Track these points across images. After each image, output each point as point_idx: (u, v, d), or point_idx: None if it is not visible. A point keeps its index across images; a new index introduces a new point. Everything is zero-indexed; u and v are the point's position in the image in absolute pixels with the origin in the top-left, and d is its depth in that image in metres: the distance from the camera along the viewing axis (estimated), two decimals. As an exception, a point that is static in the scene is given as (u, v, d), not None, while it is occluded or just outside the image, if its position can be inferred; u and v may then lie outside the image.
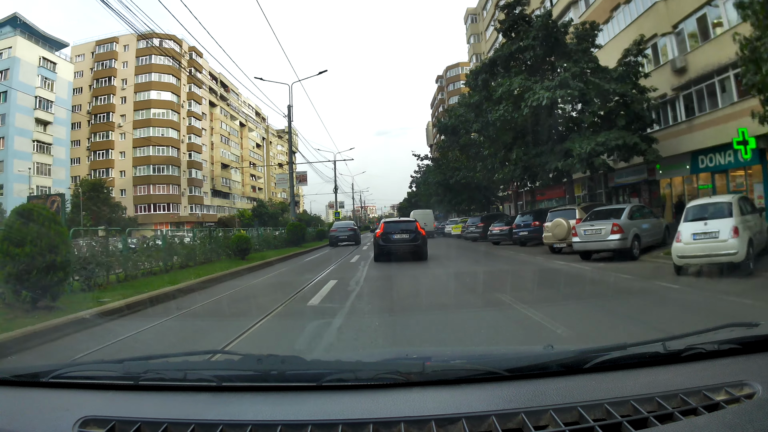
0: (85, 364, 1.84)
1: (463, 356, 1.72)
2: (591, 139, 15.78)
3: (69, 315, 5.95)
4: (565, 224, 14.29)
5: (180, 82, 62.34)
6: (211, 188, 69.90)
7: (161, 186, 58.85)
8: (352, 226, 30.40)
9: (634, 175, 22.21)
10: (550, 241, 15.09)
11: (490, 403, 1.17)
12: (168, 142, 59.59)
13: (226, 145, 74.67)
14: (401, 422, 1.08)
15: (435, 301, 7.07)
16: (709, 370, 1.29)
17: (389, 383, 1.27)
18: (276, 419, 1.13)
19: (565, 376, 1.30)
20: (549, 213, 16.13)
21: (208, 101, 69.49)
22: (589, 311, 5.93)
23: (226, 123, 75.98)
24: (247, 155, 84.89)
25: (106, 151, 59.01)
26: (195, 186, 63.56)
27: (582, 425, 1.06)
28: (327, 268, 12.93)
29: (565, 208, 16.42)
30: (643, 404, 1.11)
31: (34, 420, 1.22)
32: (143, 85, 59.52)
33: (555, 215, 15.45)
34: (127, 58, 59.51)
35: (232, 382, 1.33)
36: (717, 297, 6.76)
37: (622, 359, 1.33)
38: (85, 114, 57.81)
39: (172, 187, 59.73)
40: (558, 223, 14.60)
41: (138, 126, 58.87)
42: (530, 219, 19.60)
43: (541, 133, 19.04)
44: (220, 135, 73.12)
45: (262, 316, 5.95)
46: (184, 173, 61.88)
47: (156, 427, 1.11)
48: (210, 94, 71.64)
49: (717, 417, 1.05)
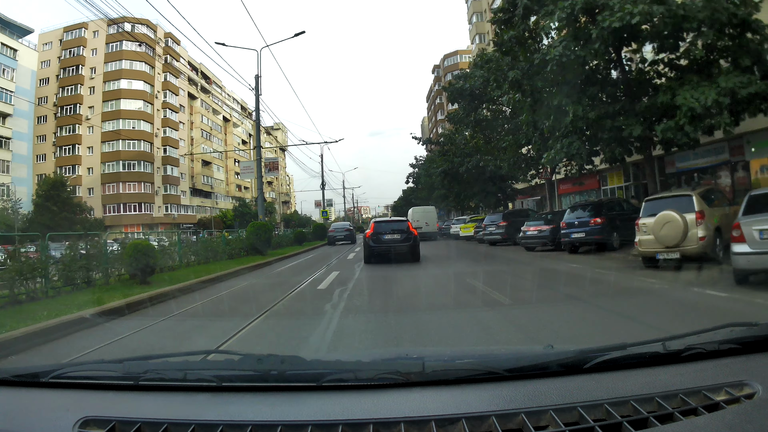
0: (85, 364, 1.80)
1: (463, 356, 1.72)
2: (709, 88, 10.13)
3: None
4: (679, 221, 8.75)
5: (154, 70, 57.10)
6: (190, 186, 64.17)
7: (132, 184, 53.43)
8: (348, 226, 34.42)
9: (707, 157, 16.70)
10: (651, 249, 9.55)
11: (490, 403, 1.18)
12: (140, 135, 54.25)
13: (207, 140, 68.98)
14: (401, 422, 1.10)
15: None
16: (709, 370, 1.29)
17: (389, 383, 1.29)
18: (276, 419, 1.15)
19: (565, 376, 1.30)
20: (644, 204, 10.52)
21: (186, 93, 63.76)
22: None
23: (208, 117, 70.45)
24: (232, 152, 79.00)
25: (72, 147, 53.76)
26: (171, 184, 58.04)
27: (582, 425, 1.06)
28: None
29: (672, 194, 10.44)
30: (643, 404, 1.12)
31: (34, 420, 1.24)
32: (113, 74, 54.26)
33: (654, 206, 9.90)
34: (96, 45, 54.46)
35: (232, 382, 1.34)
36: None
37: (622, 359, 1.34)
38: (52, 106, 51.77)
39: (144, 185, 54.32)
40: (668, 218, 9.05)
41: (107, 118, 53.65)
42: (588, 215, 14.33)
43: (615, 85, 13.60)
44: (201, 130, 67.50)
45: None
46: (158, 170, 56.40)
47: (156, 428, 1.13)
48: (190, 85, 65.97)
49: (717, 417, 1.05)
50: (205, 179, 68.62)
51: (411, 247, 14.00)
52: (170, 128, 59.29)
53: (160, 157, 57.47)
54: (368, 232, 14.44)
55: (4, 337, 5.37)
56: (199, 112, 68.49)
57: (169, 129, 59.06)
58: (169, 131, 59.03)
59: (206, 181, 68.76)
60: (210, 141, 70.56)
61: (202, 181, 67.39)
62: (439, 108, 76.57)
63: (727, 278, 7.29)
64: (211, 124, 71.64)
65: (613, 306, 6.36)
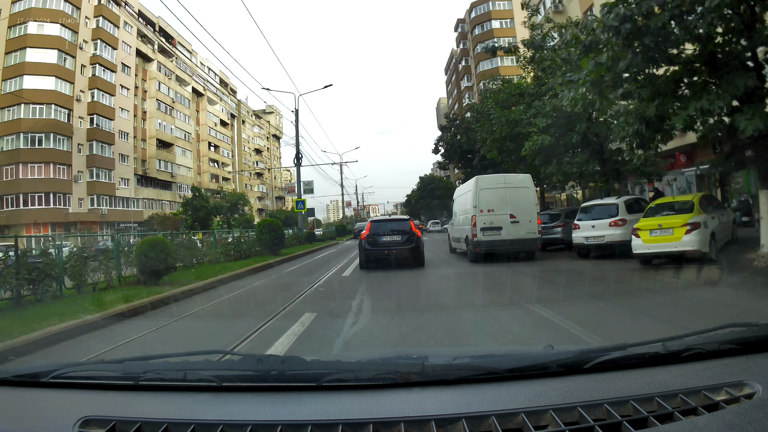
0: (85, 364, 1.89)
1: (463, 356, 1.71)
2: None
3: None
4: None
5: (80, 13, 39.96)
6: (142, 173, 47.67)
7: (38, 166, 37.31)
8: None
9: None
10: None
11: (490, 403, 1.17)
12: (51, 98, 37.82)
13: (167, 115, 52.47)
14: (401, 422, 1.09)
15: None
16: (709, 370, 1.28)
17: (389, 383, 1.28)
18: (276, 419, 1.14)
19: (565, 376, 1.30)
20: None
21: (135, 51, 47.08)
22: None
23: (169, 86, 53.78)
24: (205, 133, 62.44)
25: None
26: (101, 168, 41.76)
27: (582, 425, 1.06)
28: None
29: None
30: (643, 404, 1.11)
31: (35, 420, 1.24)
32: (20, 15, 37.35)
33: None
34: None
35: (232, 382, 1.34)
36: None
37: (622, 359, 1.33)
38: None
39: (57, 168, 37.84)
40: None
41: (7, 76, 36.74)
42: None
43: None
44: (158, 101, 50.90)
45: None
46: (80, 148, 39.60)
47: (156, 427, 1.12)
48: (143, 43, 49.23)
49: (717, 417, 1.05)
50: (163, 165, 52.08)
51: (413, 249, 12.20)
52: (102, 92, 42.78)
53: (84, 131, 41.07)
54: (364, 234, 12.70)
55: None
56: (155, 78, 52.06)
57: (100, 92, 42.54)
58: (100, 96, 42.52)
59: (164, 168, 52.23)
60: (171, 116, 54.08)
61: (157, 166, 50.86)
62: (465, 73, 59.35)
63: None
64: (174, 96, 55.18)
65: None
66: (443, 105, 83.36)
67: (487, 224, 12.44)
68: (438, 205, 67.61)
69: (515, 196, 12.71)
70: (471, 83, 58.99)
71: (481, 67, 53.87)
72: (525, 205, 12.66)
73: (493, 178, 13.76)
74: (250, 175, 77.93)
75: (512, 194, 12.72)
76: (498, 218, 12.51)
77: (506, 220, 12.51)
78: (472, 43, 57.18)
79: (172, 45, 57.31)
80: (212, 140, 65.20)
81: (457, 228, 15.18)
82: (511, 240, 12.41)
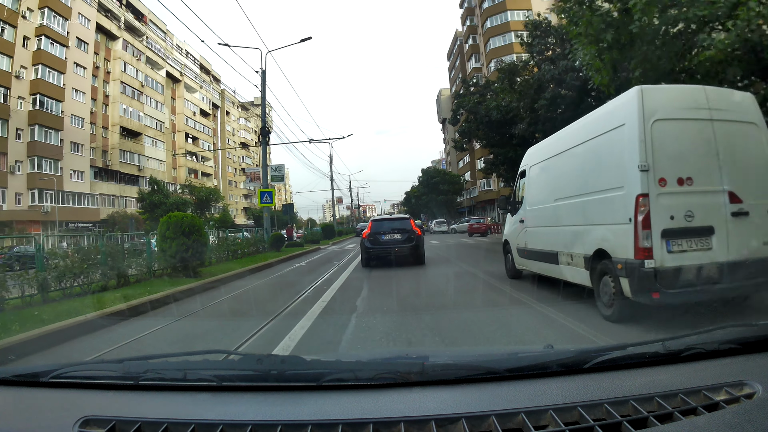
0: (85, 364, 1.83)
1: (463, 356, 1.70)
2: None
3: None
4: None
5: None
6: (102, 165, 41.06)
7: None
8: None
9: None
10: None
11: (490, 403, 1.15)
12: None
13: (135, 101, 45.85)
14: (401, 422, 1.08)
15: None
16: (709, 370, 1.27)
17: (389, 383, 1.27)
18: (276, 419, 1.13)
19: (565, 376, 1.28)
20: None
21: (95, 25, 40.51)
22: None
23: (138, 68, 47.09)
24: (182, 123, 55.82)
25: None
26: (45, 157, 34.91)
27: (582, 425, 1.05)
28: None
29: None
30: (643, 404, 1.10)
31: (34, 420, 1.22)
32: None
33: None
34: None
35: (232, 381, 1.32)
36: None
37: (622, 359, 1.32)
38: None
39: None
40: None
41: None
42: None
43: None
44: (123, 84, 44.25)
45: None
46: (19, 133, 33.04)
47: (156, 427, 1.11)
48: (107, 18, 42.66)
49: (717, 417, 1.04)
50: (128, 156, 45.45)
51: (413, 248, 12.24)
52: (49, 68, 36.18)
53: (25, 113, 34.46)
54: (365, 232, 12.78)
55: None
56: (120, 58, 45.47)
57: (46, 69, 35.94)
58: (46, 72, 35.93)
59: (129, 159, 45.60)
60: (139, 102, 47.48)
61: (121, 158, 44.24)
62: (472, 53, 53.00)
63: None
64: (144, 79, 48.58)
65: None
66: (445, 96, 77.08)
67: (679, 219, 4.65)
68: (441, 203, 61.41)
69: (732, 141, 4.89)
70: (480, 63, 52.67)
71: (492, 44, 47.67)
72: (755, 168, 4.93)
73: (680, 92, 5.27)
74: (235, 171, 71.36)
75: (725, 137, 4.83)
76: (703, 202, 4.73)
77: (721, 207, 4.74)
78: (481, 18, 50.82)
79: (143, 22, 50.69)
80: (190, 131, 58.59)
81: (544, 230, 7.25)
82: (732, 264, 4.58)
